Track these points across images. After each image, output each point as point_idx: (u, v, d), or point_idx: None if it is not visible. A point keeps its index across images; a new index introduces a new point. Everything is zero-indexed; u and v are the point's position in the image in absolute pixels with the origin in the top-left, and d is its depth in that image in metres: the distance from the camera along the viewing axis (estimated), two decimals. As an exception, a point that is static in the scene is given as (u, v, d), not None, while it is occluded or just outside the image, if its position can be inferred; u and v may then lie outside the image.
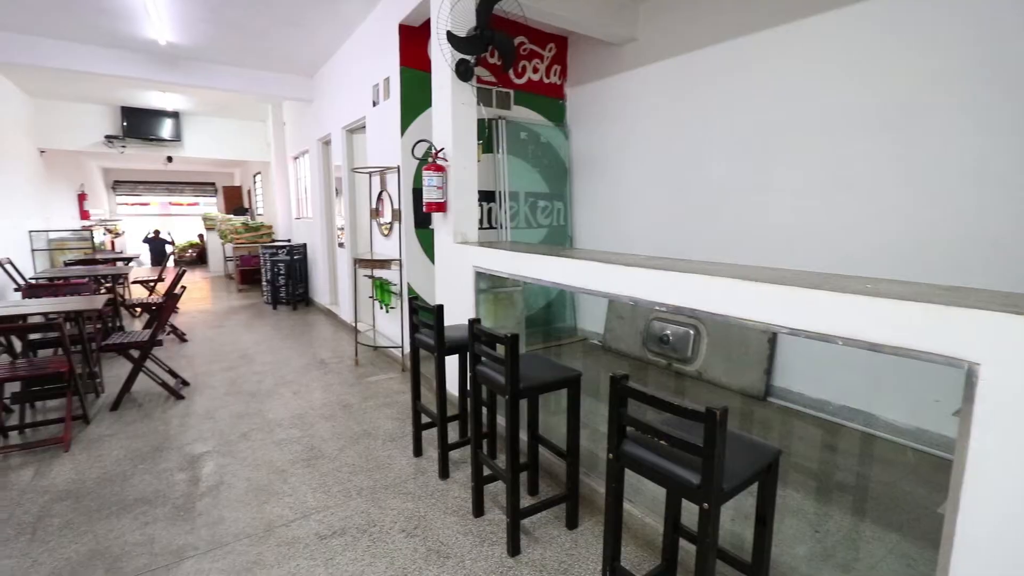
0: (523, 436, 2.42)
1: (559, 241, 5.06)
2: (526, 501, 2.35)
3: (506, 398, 1.94)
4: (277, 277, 7.25)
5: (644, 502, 2.17)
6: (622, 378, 1.45)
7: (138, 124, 8.72)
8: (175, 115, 9.10)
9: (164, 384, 3.75)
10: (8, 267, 5.74)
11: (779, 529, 2.08)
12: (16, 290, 5.51)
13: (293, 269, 7.29)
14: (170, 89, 7.35)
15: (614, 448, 1.50)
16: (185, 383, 3.99)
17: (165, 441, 3.04)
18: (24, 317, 3.32)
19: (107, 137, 8.63)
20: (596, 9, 3.99)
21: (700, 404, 1.29)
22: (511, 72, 4.68)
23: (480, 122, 3.36)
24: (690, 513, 1.68)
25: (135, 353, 3.63)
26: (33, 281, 5.03)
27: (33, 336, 3.81)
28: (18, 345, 3.84)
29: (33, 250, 7.15)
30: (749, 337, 3.53)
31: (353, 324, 5.15)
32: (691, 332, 3.79)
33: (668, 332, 3.94)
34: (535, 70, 4.85)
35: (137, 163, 11.83)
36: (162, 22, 4.71)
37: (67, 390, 3.15)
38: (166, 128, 9.02)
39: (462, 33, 3.02)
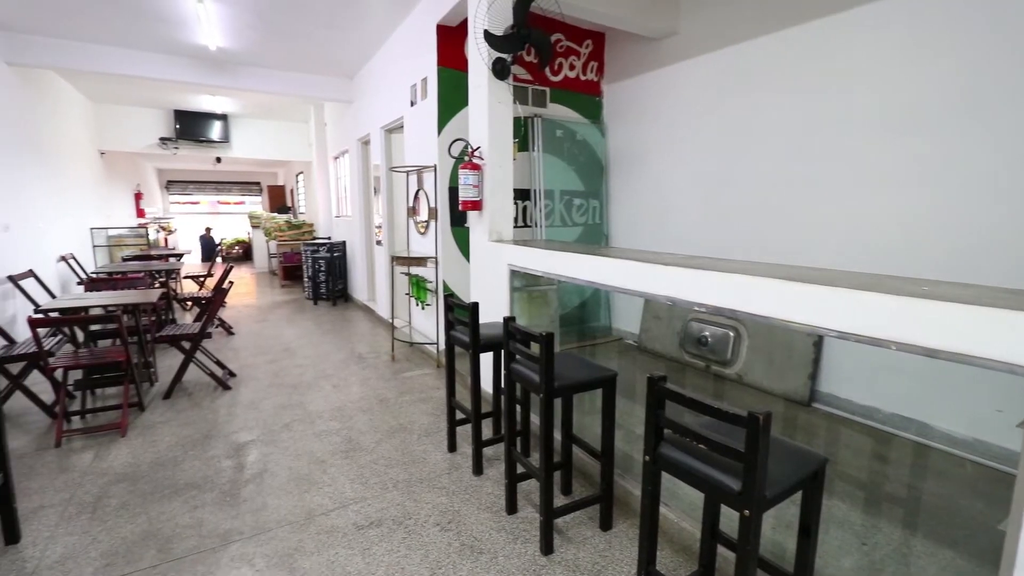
0: (557, 435, 2.41)
1: (595, 240, 5.01)
2: (559, 500, 2.35)
3: (540, 396, 1.94)
4: (318, 274, 7.46)
5: (680, 506, 2.13)
6: (660, 379, 1.42)
7: (190, 126, 9.14)
8: (223, 117, 9.49)
9: (212, 375, 3.93)
10: (72, 262, 6.13)
11: (823, 540, 2.00)
12: (79, 284, 5.88)
13: (333, 266, 7.49)
14: (219, 92, 7.67)
15: (651, 450, 1.47)
16: (232, 374, 4.17)
17: (213, 429, 3.18)
18: (86, 309, 3.53)
19: (161, 139, 9.08)
20: (636, 3, 3.93)
21: (741, 408, 1.25)
22: (547, 70, 4.66)
23: (516, 120, 3.37)
24: (729, 519, 1.64)
25: (186, 345, 3.81)
26: (94, 275, 5.35)
27: (94, 327, 4.05)
28: (78, 335, 4.09)
29: (94, 246, 7.60)
30: (793, 340, 3.41)
31: (390, 320, 5.26)
32: (731, 334, 3.69)
33: (707, 333, 3.84)
34: (571, 67, 4.81)
35: (188, 164, 12.41)
36: (212, 29, 4.91)
37: (124, 379, 3.35)
38: (215, 130, 9.42)
39: (499, 32, 3.03)
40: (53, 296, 5.16)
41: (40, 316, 3.13)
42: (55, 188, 6.21)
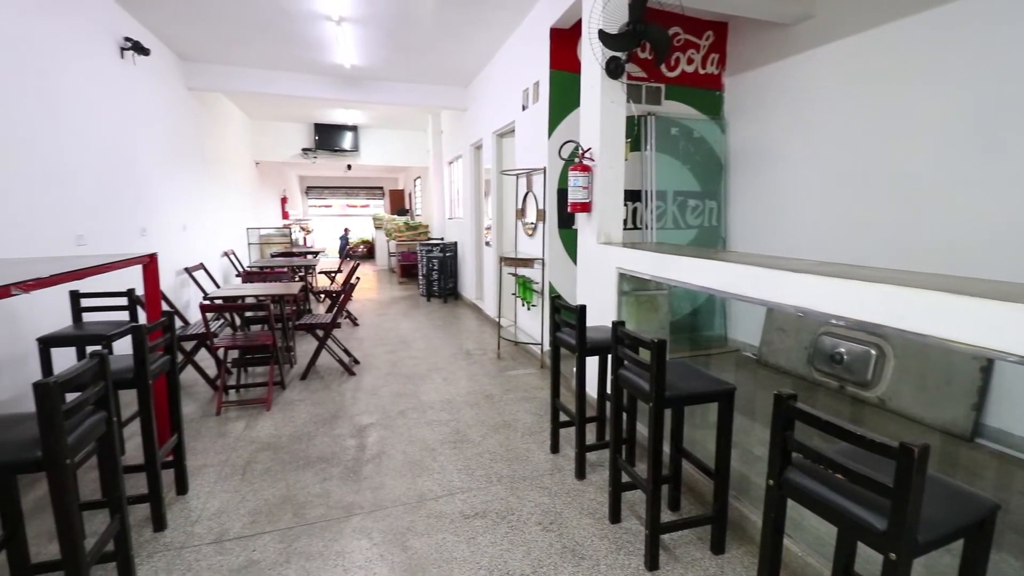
0: (665, 447, 2.31)
1: (710, 243, 4.72)
2: (666, 516, 2.25)
3: (650, 406, 1.87)
4: (431, 272, 7.91)
5: (805, 538, 1.93)
6: (789, 397, 1.30)
7: (326, 138, 10.19)
8: (354, 128, 10.44)
9: (340, 361, 4.34)
10: (232, 257, 7.13)
11: (990, 601, 1.69)
12: (237, 275, 6.83)
13: (445, 265, 7.89)
14: (352, 106, 8.45)
15: (775, 475, 1.35)
16: (356, 361, 4.57)
17: (340, 410, 3.51)
18: (243, 298, 4.09)
19: (303, 149, 10.23)
20: (765, -12, 3.64)
21: (884, 437, 1.10)
22: (663, 65, 4.49)
23: (628, 119, 3.28)
24: (865, 560, 1.46)
25: (320, 333, 4.25)
26: (249, 269, 6.17)
27: (248, 314, 4.68)
28: (235, 320, 4.74)
29: (249, 244, 8.77)
30: (953, 362, 2.93)
31: (496, 319, 5.41)
32: (872, 351, 3.26)
33: (842, 350, 3.44)
34: (689, 61, 4.58)
35: (324, 171, 13.84)
36: (348, 49, 5.43)
37: (271, 360, 3.82)
38: (347, 140, 10.40)
39: (613, 30, 2.98)
40: (218, 286, 6.05)
41: (208, 303, 3.68)
42: (220, 193, 7.27)
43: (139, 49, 4.44)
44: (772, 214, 4.31)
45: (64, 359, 2.94)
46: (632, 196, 4.48)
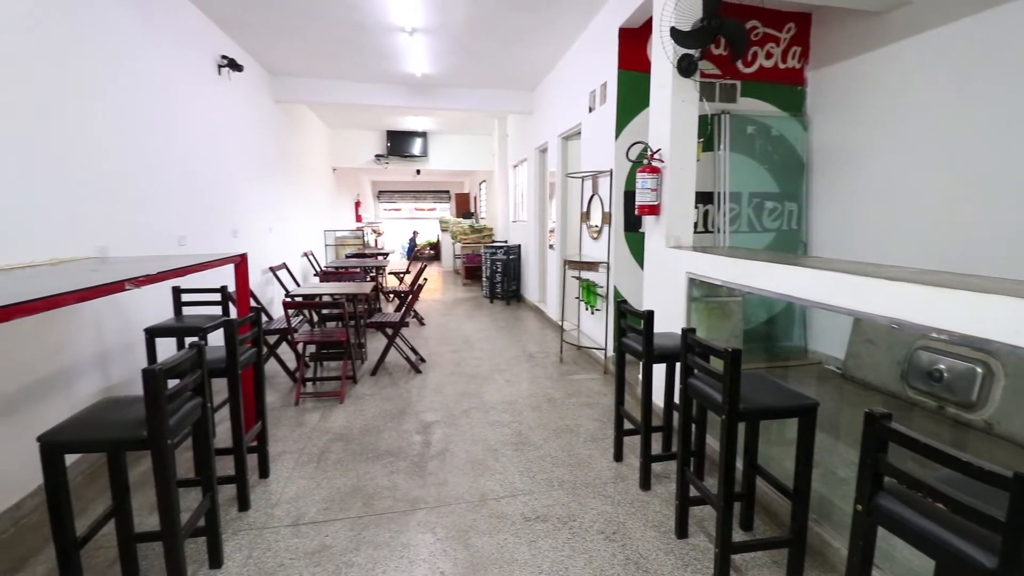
0: (738, 463, 2.20)
1: (790, 247, 4.45)
2: (737, 535, 2.14)
3: (723, 418, 1.79)
4: (495, 274, 8.01)
5: (896, 571, 1.77)
6: (883, 417, 1.20)
7: (398, 144, 10.60)
8: (423, 134, 10.79)
9: (407, 359, 4.49)
10: (311, 257, 7.58)
11: None
12: (315, 275, 7.25)
13: (508, 267, 7.96)
14: (422, 113, 8.73)
15: (864, 500, 1.25)
16: (423, 360, 4.71)
17: (407, 406, 3.63)
18: (320, 296, 4.34)
19: (376, 156, 10.70)
20: (856, -25, 3.38)
21: (996, 465, 0.99)
22: (739, 61, 4.28)
23: (701, 118, 3.16)
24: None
25: (389, 331, 4.42)
26: (326, 269, 6.53)
27: (324, 311, 4.95)
28: (313, 317, 5.02)
29: (326, 245, 9.29)
30: (1080, 385, 2.58)
31: (559, 322, 5.38)
32: (978, 370, 2.93)
33: (942, 366, 3.11)
34: (768, 55, 4.34)
35: (394, 176, 14.41)
36: (419, 58, 5.63)
37: (344, 355, 4.01)
38: (416, 146, 10.76)
39: (686, 27, 2.88)
40: (298, 284, 6.45)
41: (291, 300, 3.93)
42: (302, 197, 7.76)
43: (234, 66, 4.83)
44: (861, 217, 3.99)
45: (164, 349, 3.25)
46: (703, 198, 4.30)
